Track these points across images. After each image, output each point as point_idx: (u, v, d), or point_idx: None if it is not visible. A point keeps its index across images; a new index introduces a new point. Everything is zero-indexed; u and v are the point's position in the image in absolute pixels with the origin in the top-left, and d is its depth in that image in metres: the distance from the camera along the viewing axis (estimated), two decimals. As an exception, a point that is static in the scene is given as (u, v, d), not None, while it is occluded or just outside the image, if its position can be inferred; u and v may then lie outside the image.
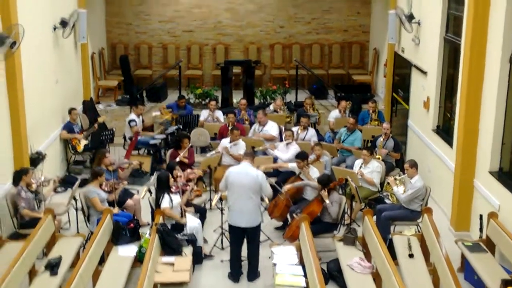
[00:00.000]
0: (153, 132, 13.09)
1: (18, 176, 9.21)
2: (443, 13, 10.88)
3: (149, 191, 9.65)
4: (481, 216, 8.79)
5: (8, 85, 9.44)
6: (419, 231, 9.07)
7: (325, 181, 9.12)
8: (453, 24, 10.73)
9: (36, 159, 10.28)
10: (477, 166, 9.45)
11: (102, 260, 8.29)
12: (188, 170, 10.59)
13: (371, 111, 12.88)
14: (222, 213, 9.55)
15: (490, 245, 8.37)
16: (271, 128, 12.15)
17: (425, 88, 11.68)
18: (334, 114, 13.24)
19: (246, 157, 8.64)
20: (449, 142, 10.43)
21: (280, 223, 10.06)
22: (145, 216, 10.05)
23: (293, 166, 10.40)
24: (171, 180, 9.41)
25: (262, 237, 9.15)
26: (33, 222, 8.64)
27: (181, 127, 12.99)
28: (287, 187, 9.69)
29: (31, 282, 7.78)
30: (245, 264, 8.76)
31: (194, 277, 8.58)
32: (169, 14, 16.97)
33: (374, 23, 16.62)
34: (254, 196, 8.38)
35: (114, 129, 12.66)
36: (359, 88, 15.68)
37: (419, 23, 12.02)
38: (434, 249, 7.93)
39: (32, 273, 8.01)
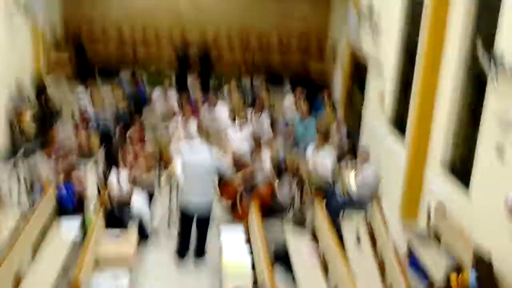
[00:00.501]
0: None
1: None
2: (402, 7, 10.90)
3: (96, 170, 9.36)
4: (428, 209, 8.83)
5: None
6: (368, 222, 9.07)
7: (278, 166, 9.02)
8: (412, 18, 10.75)
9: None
10: (428, 158, 9.49)
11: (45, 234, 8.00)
12: (138, 146, 10.32)
13: (326, 100, 12.83)
14: (170, 192, 9.36)
15: (436, 236, 8.42)
16: (221, 109, 12.02)
17: (380, 81, 11.70)
18: (289, 100, 13.15)
19: (201, 136, 8.41)
20: (402, 133, 10.47)
21: (229, 209, 9.90)
22: (91, 191, 9.73)
23: (245, 151, 10.25)
24: (121, 155, 9.16)
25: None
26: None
27: (132, 105, 12.67)
28: (239, 180, 9.53)
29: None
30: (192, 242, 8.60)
31: (139, 252, 8.37)
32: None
33: (334, 15, 16.56)
34: (209, 178, 8.21)
35: (61, 107, 12.25)
36: (316, 79, 15.62)
37: (376, 23, 11.97)
38: (381, 237, 7.95)
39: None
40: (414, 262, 8.37)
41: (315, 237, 8.34)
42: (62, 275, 7.29)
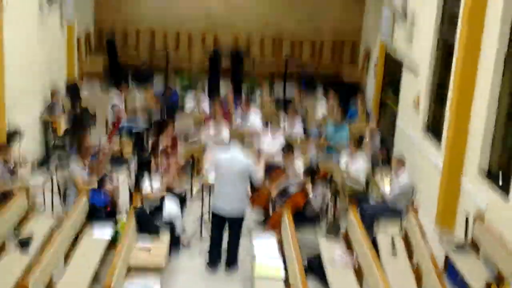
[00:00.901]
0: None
1: (-4, 150, 8.90)
2: (438, 10, 10.71)
3: (129, 176, 9.38)
4: (467, 219, 8.59)
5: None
6: (403, 230, 8.86)
7: (311, 173, 8.90)
8: (448, 22, 10.56)
9: (13, 136, 9.94)
10: (466, 166, 9.27)
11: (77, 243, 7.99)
12: (171, 158, 10.29)
13: (359, 109, 12.69)
14: (202, 203, 9.30)
15: (475, 246, 8.18)
16: (255, 119, 11.91)
17: (416, 88, 11.51)
18: (322, 110, 13.05)
19: (235, 142, 8.31)
20: (438, 141, 10.27)
21: (261, 218, 9.79)
22: (123, 202, 9.73)
23: (278, 159, 10.15)
24: (153, 165, 9.15)
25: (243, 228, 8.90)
26: (5, 198, 8.30)
27: (165, 115, 12.69)
28: (273, 192, 9.37)
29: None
30: (223, 255, 8.50)
31: (171, 264, 8.31)
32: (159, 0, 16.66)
33: (367, 22, 16.44)
34: (242, 185, 8.10)
35: (95, 113, 12.32)
36: (348, 87, 15.47)
37: (412, 22, 11.84)
38: (418, 248, 7.74)
39: (1, 250, 7.70)
40: (451, 272, 8.14)
41: (349, 246, 8.17)
42: (94, 281, 7.27)
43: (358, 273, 7.61)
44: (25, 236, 7.74)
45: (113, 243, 8.05)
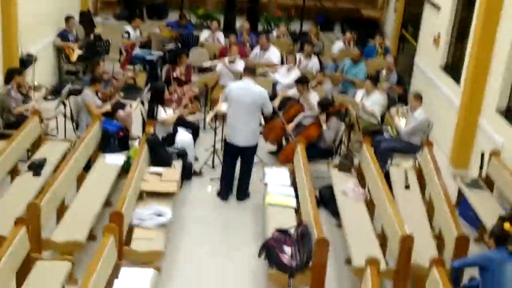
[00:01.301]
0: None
1: (10, 75, 8.84)
2: None
3: (142, 103, 9.31)
4: (482, 154, 8.48)
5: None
6: (417, 165, 8.79)
7: (325, 105, 8.79)
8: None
9: (27, 61, 9.87)
10: (484, 104, 9.11)
11: (89, 168, 7.99)
12: (185, 87, 10.22)
13: (378, 45, 12.44)
14: (215, 133, 9.24)
15: (489, 183, 8.10)
16: (273, 54, 11.72)
17: (436, 24, 11.22)
18: (338, 45, 12.83)
19: (248, 72, 8.16)
20: (457, 80, 10.07)
21: (274, 148, 9.75)
22: (136, 130, 9.69)
23: (293, 92, 10.02)
24: (166, 93, 9.06)
25: (255, 159, 8.87)
26: (19, 123, 8.28)
27: (180, 45, 12.51)
28: (290, 125, 9.26)
29: (12, 181, 7.50)
30: (235, 184, 8.49)
31: (182, 191, 8.33)
32: None
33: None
34: (254, 115, 8.00)
35: (110, 40, 12.16)
36: (367, 23, 15.17)
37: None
38: (432, 182, 7.67)
39: (14, 173, 7.73)
40: (463, 208, 8.11)
41: (361, 179, 8.12)
42: (105, 206, 7.31)
43: (370, 205, 7.59)
44: (38, 159, 7.75)
45: (125, 169, 8.05)
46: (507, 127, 8.32)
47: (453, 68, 10.64)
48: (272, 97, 10.38)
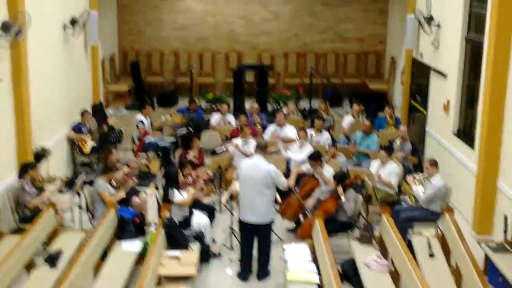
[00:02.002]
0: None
1: (24, 169, 8.90)
2: (464, 12, 10.53)
3: (157, 188, 9.29)
4: (505, 217, 8.30)
5: (14, 76, 9.15)
6: (439, 233, 8.59)
7: (341, 177, 8.71)
8: (475, 23, 10.36)
9: (40, 155, 9.94)
10: (501, 166, 9.01)
11: (106, 256, 7.88)
12: (199, 170, 10.23)
13: (388, 116, 12.49)
14: (231, 214, 9.15)
15: (515, 247, 7.88)
16: (290, 131, 11.77)
17: (444, 91, 11.29)
18: (348, 119, 12.89)
19: (259, 150, 8.20)
20: (471, 145, 10.02)
21: (292, 225, 9.62)
22: (151, 216, 9.61)
23: (307, 168, 9.98)
24: (181, 177, 9.05)
25: (273, 237, 8.73)
26: (35, 217, 8.25)
27: (191, 130, 12.62)
28: (309, 202, 9.18)
29: (29, 275, 7.38)
30: (254, 264, 8.31)
31: (201, 275, 8.16)
32: (181, 21, 16.73)
33: (391, 32, 16.30)
34: (265, 191, 7.95)
35: (123, 130, 12.29)
36: (375, 96, 15.30)
37: (438, 25, 11.67)
38: (457, 249, 7.46)
39: (31, 267, 7.62)
40: (491, 274, 7.84)
41: (383, 250, 7.92)
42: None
43: (395, 277, 7.36)
44: (54, 251, 7.66)
45: (142, 256, 7.92)
46: (527, 188, 8.19)
47: (465, 133, 10.61)
48: (286, 174, 10.34)
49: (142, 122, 12.36)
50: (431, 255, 7.73)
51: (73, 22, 12.09)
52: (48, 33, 10.88)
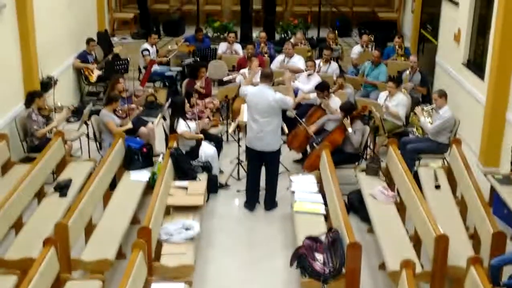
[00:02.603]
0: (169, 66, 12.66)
1: (31, 98, 8.87)
2: None
3: (164, 118, 9.29)
4: (513, 150, 8.31)
5: (18, 3, 9.01)
6: (445, 164, 8.62)
7: (348, 108, 8.67)
8: None
9: (47, 84, 9.91)
10: (511, 98, 8.92)
11: (114, 186, 7.97)
12: (206, 99, 10.19)
13: (397, 46, 12.30)
14: (238, 144, 9.17)
15: (522, 179, 7.90)
16: (298, 61, 11.62)
17: (456, 20, 11.07)
18: (357, 49, 12.71)
19: (264, 78, 8.09)
20: (481, 76, 9.89)
21: (299, 156, 9.65)
22: (159, 146, 9.66)
23: (315, 96, 9.92)
24: (187, 106, 9.02)
25: (280, 169, 8.78)
26: (43, 146, 8.29)
27: (198, 59, 12.49)
28: (312, 127, 9.18)
29: (39, 204, 7.49)
30: (262, 194, 8.39)
31: (209, 205, 8.26)
32: None
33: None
34: (272, 119, 7.90)
35: (128, 59, 12.18)
36: (385, 25, 15.03)
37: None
38: (463, 180, 7.49)
39: (41, 196, 7.73)
40: (497, 206, 7.89)
41: (389, 181, 7.97)
42: (132, 223, 7.26)
43: (400, 208, 7.43)
44: (63, 180, 7.74)
45: (150, 185, 8.01)
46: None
47: (475, 64, 10.47)
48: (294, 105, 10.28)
49: (147, 50, 12.22)
50: (437, 187, 7.77)
51: None
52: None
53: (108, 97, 9.30)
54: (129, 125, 9.07)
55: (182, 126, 8.52)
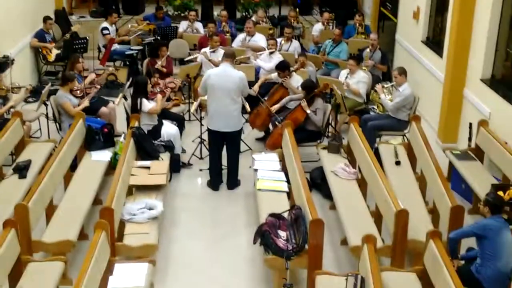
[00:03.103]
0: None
1: (-15, 78, 8.66)
2: None
3: (125, 97, 9.18)
4: (470, 124, 8.48)
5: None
6: (405, 141, 8.75)
7: (310, 87, 8.71)
8: None
9: (4, 64, 9.67)
10: (468, 75, 9.08)
11: (75, 167, 7.87)
12: (167, 79, 10.10)
13: (357, 24, 12.37)
14: (201, 124, 9.14)
15: (479, 154, 8.08)
16: (260, 40, 11.59)
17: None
18: (318, 27, 12.74)
19: (226, 58, 8.08)
20: (439, 53, 10.04)
21: (261, 134, 9.68)
22: (120, 126, 9.55)
23: (276, 76, 9.93)
24: (149, 86, 8.93)
25: (243, 147, 8.82)
26: (1, 127, 8.10)
27: (159, 38, 12.35)
28: (274, 107, 9.19)
29: (-2, 186, 7.37)
30: (224, 173, 8.41)
31: (172, 184, 8.24)
32: None
33: None
34: (235, 99, 7.92)
35: (88, 38, 11.97)
36: (345, 3, 15.05)
37: None
38: (422, 156, 7.62)
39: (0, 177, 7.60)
40: (455, 181, 8.09)
41: (351, 158, 8.06)
42: (94, 203, 7.20)
43: (362, 184, 7.54)
44: (22, 161, 7.61)
45: (112, 166, 7.93)
46: (493, 96, 8.29)
47: (434, 42, 10.61)
48: (255, 83, 10.29)
49: (107, 29, 12.03)
50: (397, 163, 7.89)
51: None
52: None
53: (64, 77, 9.09)
54: (86, 103, 8.91)
55: (147, 104, 8.44)
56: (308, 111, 8.57)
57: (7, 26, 10.29)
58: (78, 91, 9.12)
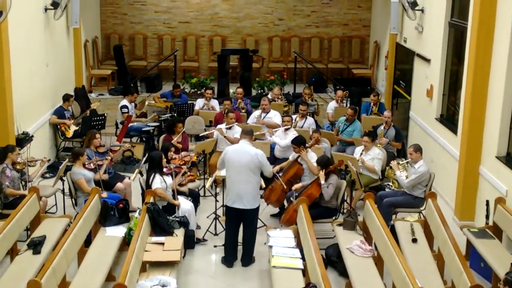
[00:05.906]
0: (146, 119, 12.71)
1: (3, 153, 8.77)
2: (448, -3, 10.56)
3: (141, 173, 9.25)
4: (487, 202, 8.41)
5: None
6: (422, 218, 8.67)
7: (325, 163, 8.73)
8: (458, 7, 10.39)
9: (23, 140, 9.85)
10: (483, 152, 9.08)
11: (90, 243, 7.85)
12: (183, 153, 10.20)
13: (372, 103, 12.51)
14: (216, 199, 9.14)
15: (497, 232, 7.97)
16: (275, 116, 11.75)
17: (428, 76, 11.34)
18: (332, 105, 12.89)
19: (245, 135, 8.18)
20: (453, 130, 10.09)
21: (276, 210, 9.65)
22: (136, 201, 9.59)
23: (293, 155, 9.94)
24: (164, 161, 9.01)
25: (257, 223, 8.75)
26: (17, 203, 8.16)
27: (175, 114, 12.56)
28: (296, 186, 9.13)
29: (12, 262, 7.34)
30: (239, 250, 8.33)
31: (186, 260, 8.17)
32: (165, 4, 16.59)
33: (375, 16, 16.30)
34: (253, 177, 7.95)
35: (106, 114, 12.20)
36: (359, 81, 15.34)
37: (422, 10, 11.69)
38: (439, 234, 7.53)
39: (14, 253, 7.58)
40: (474, 262, 7.93)
41: (367, 235, 7.98)
42: (108, 279, 7.14)
43: (378, 262, 7.42)
44: (37, 237, 7.62)
45: (126, 241, 7.92)
46: (509, 173, 8.25)
47: (448, 119, 10.67)
48: (270, 159, 10.33)
49: (126, 107, 12.27)
50: (414, 240, 7.79)
51: (55, 4, 11.90)
52: (29, 15, 10.74)
53: (73, 153, 9.14)
54: (105, 176, 8.98)
55: (157, 182, 8.49)
56: (322, 182, 8.55)
57: (28, 104, 10.53)
58: (92, 164, 9.20)
